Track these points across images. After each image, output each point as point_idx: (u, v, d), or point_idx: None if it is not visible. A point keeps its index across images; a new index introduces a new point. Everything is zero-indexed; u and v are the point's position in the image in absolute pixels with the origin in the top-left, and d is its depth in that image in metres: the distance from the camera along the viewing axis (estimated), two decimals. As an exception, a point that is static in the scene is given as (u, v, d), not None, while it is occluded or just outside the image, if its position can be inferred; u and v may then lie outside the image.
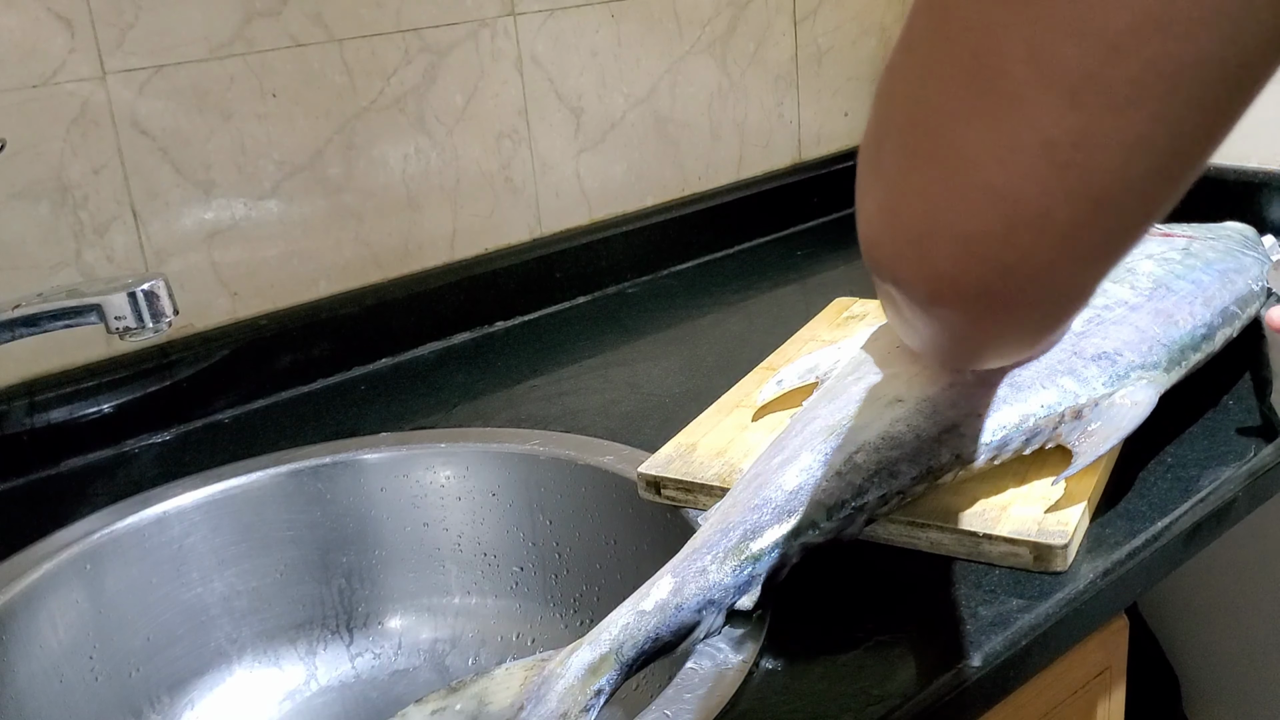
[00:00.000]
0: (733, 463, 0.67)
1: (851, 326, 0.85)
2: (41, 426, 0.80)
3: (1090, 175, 0.31)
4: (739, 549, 0.55)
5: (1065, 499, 0.60)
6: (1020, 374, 0.62)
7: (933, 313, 0.38)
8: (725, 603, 0.54)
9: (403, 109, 0.94)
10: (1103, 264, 0.35)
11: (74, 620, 0.69)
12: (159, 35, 0.81)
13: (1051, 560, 0.58)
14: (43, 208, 0.79)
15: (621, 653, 0.52)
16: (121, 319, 0.66)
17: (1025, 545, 0.58)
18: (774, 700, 0.51)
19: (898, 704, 0.50)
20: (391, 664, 0.78)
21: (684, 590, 0.53)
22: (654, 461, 0.69)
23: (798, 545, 0.56)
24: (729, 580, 0.54)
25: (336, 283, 0.94)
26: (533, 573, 0.79)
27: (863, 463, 0.58)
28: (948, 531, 0.59)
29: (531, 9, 1.00)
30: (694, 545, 0.56)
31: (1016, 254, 0.33)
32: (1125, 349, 0.64)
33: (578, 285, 1.07)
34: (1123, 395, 0.62)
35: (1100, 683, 0.66)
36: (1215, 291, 0.71)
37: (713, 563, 0.54)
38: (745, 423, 0.72)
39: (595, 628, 0.53)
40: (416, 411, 0.85)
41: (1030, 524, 0.59)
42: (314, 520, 0.78)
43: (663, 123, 1.12)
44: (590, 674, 0.51)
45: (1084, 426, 0.61)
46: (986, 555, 0.59)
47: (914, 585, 0.58)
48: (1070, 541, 0.58)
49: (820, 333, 0.85)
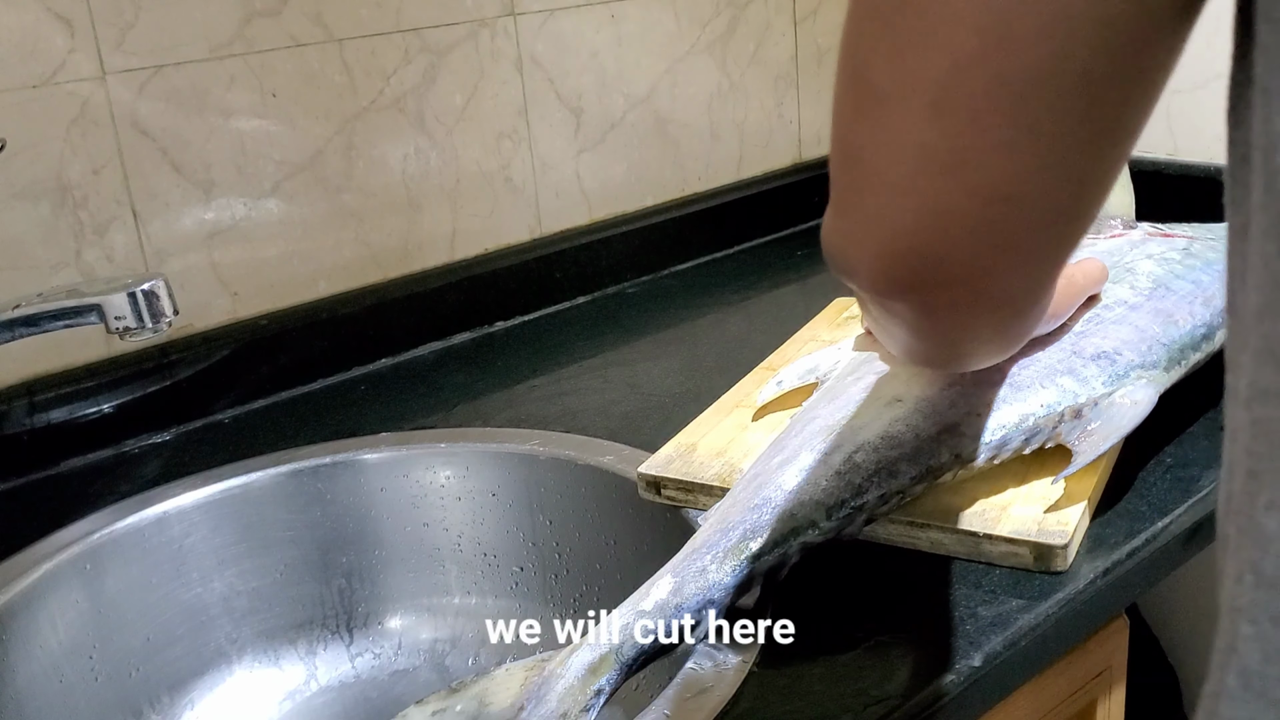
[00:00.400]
0: (733, 463, 0.67)
1: (851, 327, 0.85)
2: (41, 426, 0.80)
3: (975, 174, 0.33)
4: (738, 549, 0.55)
5: (1065, 499, 0.60)
6: (1020, 373, 0.62)
7: (886, 306, 0.41)
8: (725, 602, 0.54)
9: (403, 109, 0.94)
10: (1035, 260, 0.37)
11: (74, 620, 0.69)
12: (159, 35, 0.81)
13: (1052, 560, 0.58)
14: (43, 208, 0.79)
15: (621, 652, 0.52)
16: (121, 319, 0.66)
17: (1026, 545, 0.58)
18: (774, 700, 0.51)
19: (898, 704, 0.50)
20: (391, 664, 0.78)
21: (684, 590, 0.53)
22: (654, 462, 0.69)
23: (797, 545, 0.56)
24: (729, 580, 0.54)
25: (336, 283, 0.94)
26: (533, 573, 0.79)
27: (862, 462, 0.58)
28: (948, 531, 0.59)
29: (531, 9, 1.00)
30: (694, 545, 0.56)
31: (935, 246, 0.35)
32: (1125, 348, 0.64)
33: (578, 285, 1.07)
34: (1122, 395, 0.62)
35: (1100, 683, 0.66)
36: (1215, 291, 0.70)
37: (712, 562, 0.54)
38: (745, 423, 0.72)
39: (595, 628, 0.53)
40: (416, 411, 0.85)
41: (1030, 524, 0.59)
42: (314, 520, 0.78)
43: (663, 123, 1.12)
44: (590, 674, 0.51)
45: (1084, 426, 0.61)
46: (987, 555, 0.59)
47: (914, 585, 0.58)
48: (1070, 541, 0.58)
49: (820, 333, 0.86)
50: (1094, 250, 0.74)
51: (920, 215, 0.35)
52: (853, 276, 0.39)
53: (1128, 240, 0.76)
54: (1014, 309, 0.40)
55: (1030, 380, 0.62)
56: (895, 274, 0.37)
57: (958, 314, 0.39)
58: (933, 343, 0.44)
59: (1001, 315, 0.41)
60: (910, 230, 0.35)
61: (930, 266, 0.36)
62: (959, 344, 0.45)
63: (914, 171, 0.34)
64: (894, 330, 0.45)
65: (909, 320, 0.41)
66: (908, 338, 0.45)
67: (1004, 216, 0.35)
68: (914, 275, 0.37)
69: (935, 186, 0.34)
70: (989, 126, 0.32)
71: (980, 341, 0.45)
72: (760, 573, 0.55)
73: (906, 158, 0.34)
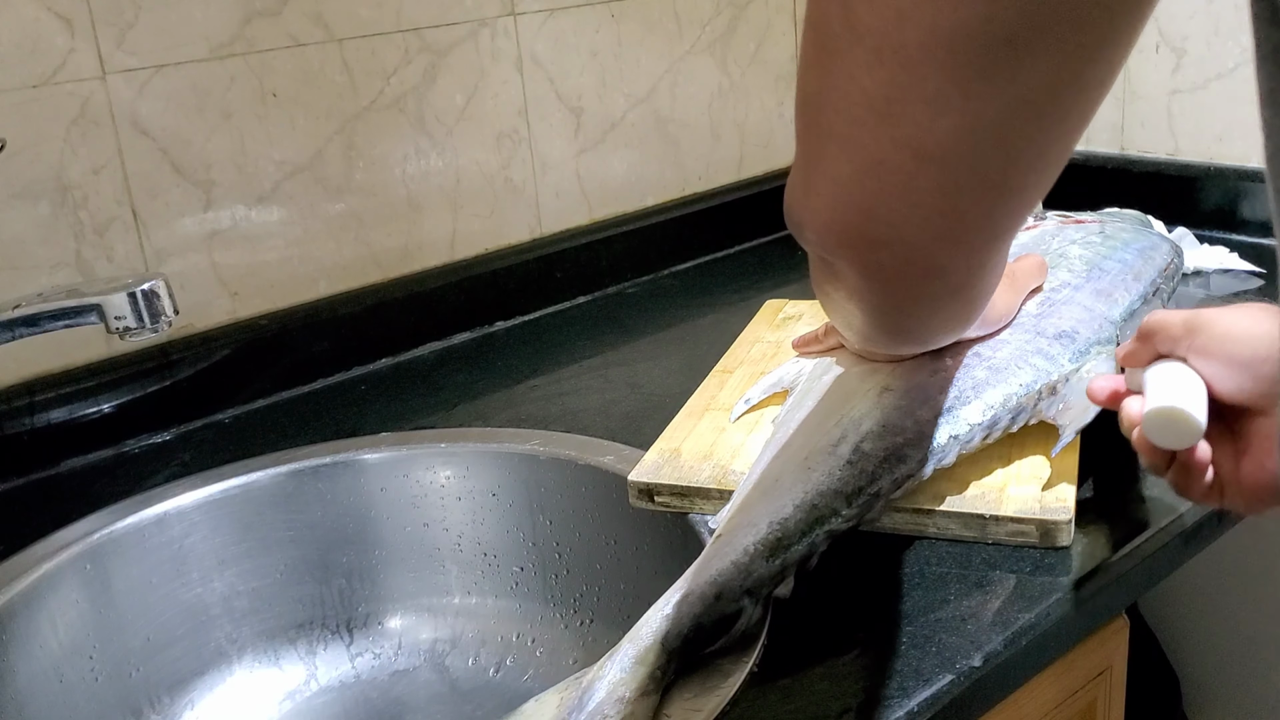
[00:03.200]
0: (723, 464, 0.68)
1: (790, 327, 0.88)
2: (41, 426, 0.80)
3: (907, 127, 0.35)
4: (768, 540, 0.56)
5: (1055, 476, 0.62)
6: (995, 356, 0.66)
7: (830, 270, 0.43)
8: (763, 593, 0.55)
9: (403, 109, 0.94)
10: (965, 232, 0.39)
11: (74, 620, 0.69)
12: (159, 35, 0.81)
13: (1058, 535, 0.59)
14: (43, 208, 0.79)
15: (667, 641, 0.51)
16: (121, 319, 0.66)
17: (1031, 523, 0.60)
18: (774, 700, 0.51)
19: (898, 704, 0.50)
20: (391, 664, 0.78)
21: (722, 582, 0.54)
22: (643, 469, 0.69)
23: (824, 533, 0.57)
24: (764, 571, 0.55)
25: (336, 283, 0.94)
26: (533, 573, 0.79)
27: (870, 450, 0.60)
28: (953, 516, 0.61)
29: (531, 9, 1.00)
30: (722, 541, 0.56)
31: (870, 201, 0.37)
32: (1080, 326, 0.69)
33: (578, 285, 1.07)
34: (1088, 369, 0.66)
35: (1100, 683, 0.66)
36: (1141, 267, 0.78)
37: (744, 555, 0.55)
38: (723, 425, 0.73)
39: (629, 632, 0.53)
40: (416, 411, 0.85)
41: (1032, 503, 0.61)
42: (314, 520, 0.78)
43: (663, 123, 1.12)
44: (638, 664, 0.51)
45: (1060, 401, 0.65)
46: (993, 536, 0.60)
47: (914, 585, 0.58)
48: (1072, 517, 0.60)
49: (763, 334, 0.88)
50: (1017, 242, 0.78)
51: (857, 167, 0.37)
52: (801, 229, 0.41)
53: (1044, 231, 0.82)
54: (947, 283, 0.42)
55: (1006, 362, 0.66)
56: (835, 228, 0.39)
57: (893, 281, 0.41)
58: (876, 316, 0.46)
59: (934, 288, 0.42)
60: (848, 181, 0.37)
61: (866, 222, 0.38)
62: (900, 317, 0.47)
63: (853, 120, 0.36)
64: (840, 303, 0.47)
65: (852, 286, 0.43)
66: (853, 310, 0.47)
67: (934, 181, 0.36)
68: (851, 230, 0.38)
69: (872, 136, 0.36)
70: (922, 77, 0.34)
71: (918, 319, 0.47)
72: (792, 562, 0.56)
73: (849, 104, 0.36)
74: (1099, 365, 0.67)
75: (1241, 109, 1.06)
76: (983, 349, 0.66)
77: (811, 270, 0.48)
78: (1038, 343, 0.67)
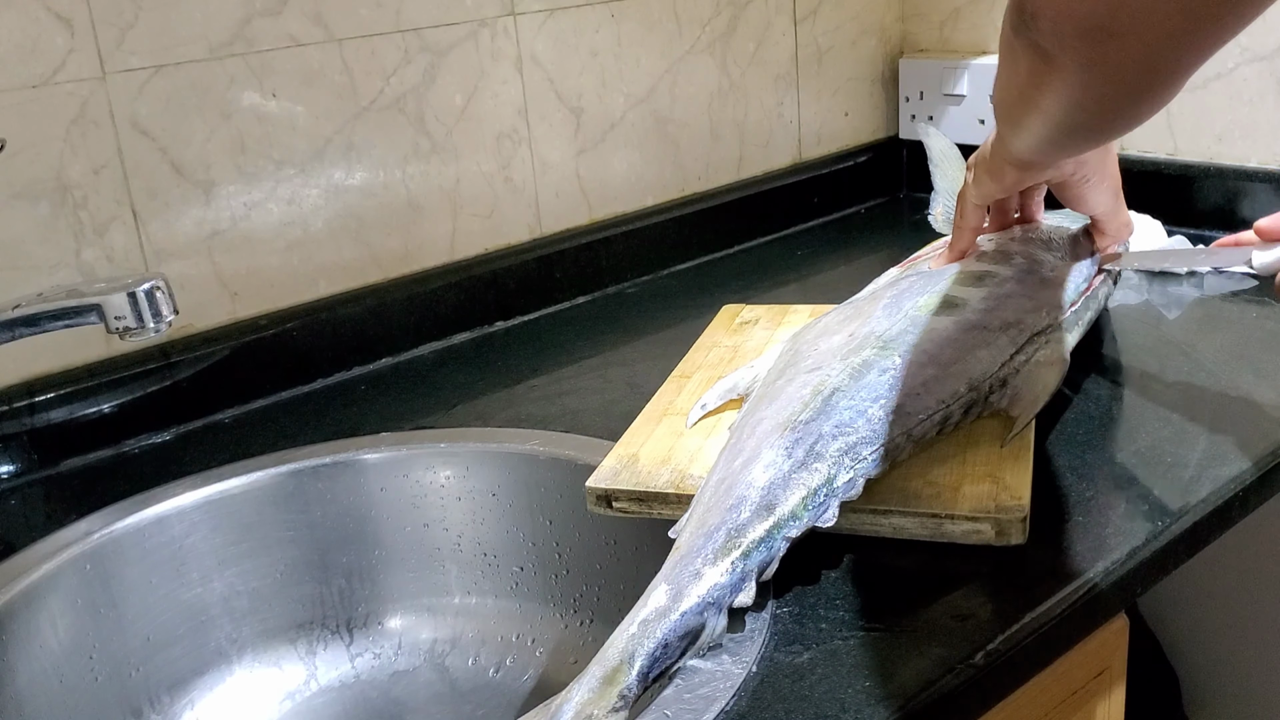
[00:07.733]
0: (681, 469, 0.67)
1: (747, 331, 0.88)
2: (41, 426, 0.80)
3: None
4: (726, 549, 0.55)
5: (1009, 473, 0.62)
6: (942, 354, 0.67)
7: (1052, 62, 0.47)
8: (724, 602, 0.54)
9: (403, 109, 0.94)
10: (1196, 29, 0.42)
11: (74, 620, 0.69)
12: (159, 35, 0.81)
13: (1012, 533, 0.59)
14: (42, 208, 0.79)
15: (634, 661, 0.51)
16: (121, 319, 0.65)
17: (987, 521, 0.59)
18: (774, 700, 0.51)
19: (898, 704, 0.50)
20: (391, 664, 0.78)
21: (682, 595, 0.53)
22: (600, 474, 0.68)
23: (781, 538, 0.57)
24: (724, 580, 0.54)
25: (336, 283, 0.94)
26: (533, 573, 0.79)
27: (824, 451, 0.60)
28: (909, 515, 0.61)
29: (531, 9, 1.00)
30: (681, 553, 0.56)
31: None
32: (1025, 316, 0.71)
33: (578, 285, 1.07)
34: (1039, 357, 0.69)
35: (1100, 683, 0.66)
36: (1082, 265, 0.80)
37: (704, 565, 0.55)
38: (680, 429, 0.72)
39: (598, 653, 0.53)
40: (416, 411, 0.85)
41: (987, 500, 0.60)
42: (314, 520, 0.78)
43: (663, 123, 1.12)
44: (606, 684, 0.51)
45: (1011, 392, 0.67)
46: (949, 535, 0.60)
47: (913, 585, 0.58)
48: (1026, 514, 0.59)
49: (720, 339, 0.87)
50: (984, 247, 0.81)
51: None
52: (1035, 19, 0.45)
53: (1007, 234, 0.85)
54: (1161, 80, 0.45)
55: (953, 358, 0.67)
56: (1075, 16, 0.43)
57: (1113, 73, 0.45)
58: (1075, 112, 0.50)
59: (1149, 83, 0.46)
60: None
61: (1110, 12, 0.42)
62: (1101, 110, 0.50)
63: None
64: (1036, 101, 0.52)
65: (1069, 76, 0.47)
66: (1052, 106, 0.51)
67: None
68: (1091, 19, 0.42)
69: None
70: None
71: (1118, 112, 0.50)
72: (752, 569, 0.55)
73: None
74: (1048, 353, 0.70)
75: (1241, 109, 1.06)
76: (930, 347, 0.67)
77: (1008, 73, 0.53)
78: (984, 336, 0.69)
